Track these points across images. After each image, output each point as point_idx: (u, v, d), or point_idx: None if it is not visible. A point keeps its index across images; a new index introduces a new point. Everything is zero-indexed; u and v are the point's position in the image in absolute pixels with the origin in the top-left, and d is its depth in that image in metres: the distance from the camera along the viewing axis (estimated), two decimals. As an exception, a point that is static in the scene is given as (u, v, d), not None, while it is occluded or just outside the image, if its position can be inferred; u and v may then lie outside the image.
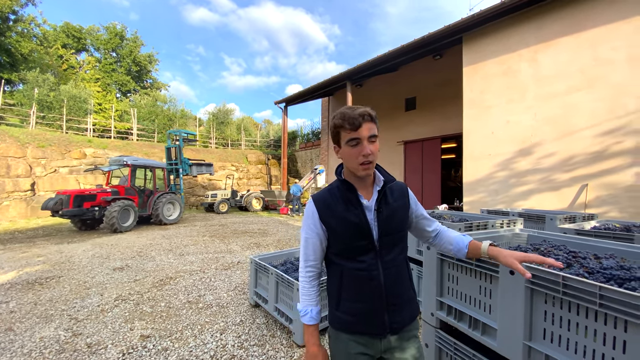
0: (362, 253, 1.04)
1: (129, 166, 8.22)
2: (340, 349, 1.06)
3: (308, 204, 1.11)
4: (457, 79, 8.55)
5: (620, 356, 1.04)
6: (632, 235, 2.13)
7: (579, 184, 5.91)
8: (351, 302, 1.04)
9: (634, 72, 5.20)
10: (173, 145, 10.01)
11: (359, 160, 0.99)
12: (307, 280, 1.12)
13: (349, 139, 0.99)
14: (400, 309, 1.07)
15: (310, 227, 1.08)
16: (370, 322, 1.03)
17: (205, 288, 3.67)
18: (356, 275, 1.04)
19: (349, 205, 1.05)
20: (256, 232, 7.74)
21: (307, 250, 1.10)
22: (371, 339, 1.04)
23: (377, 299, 1.03)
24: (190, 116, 22.66)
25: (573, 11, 5.94)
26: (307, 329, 1.08)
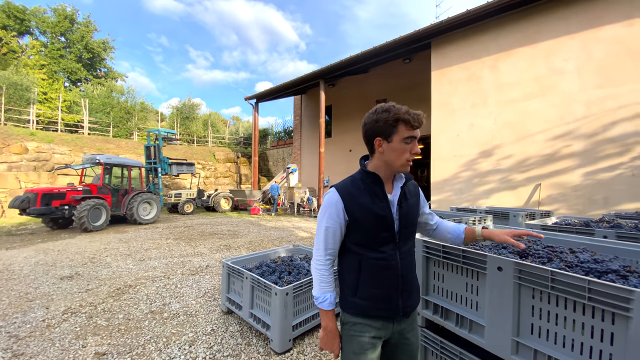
0: (383, 244, 1.09)
1: (101, 165, 7.98)
2: (354, 332, 1.10)
3: (331, 193, 1.12)
4: (425, 82, 8.89)
5: (607, 348, 1.06)
6: (593, 230, 2.29)
7: (533, 183, 6.42)
8: (369, 288, 1.09)
9: (582, 82, 5.76)
10: (152, 144, 9.83)
11: (408, 157, 1.05)
12: (326, 268, 1.13)
13: (408, 136, 1.04)
14: (410, 294, 1.16)
15: (333, 216, 1.09)
16: (387, 307, 1.10)
17: (170, 295, 3.36)
18: (376, 264, 1.09)
19: (375, 197, 1.08)
20: (226, 234, 7.37)
21: (328, 239, 1.11)
22: (386, 322, 1.11)
23: (394, 285, 1.10)
24: (151, 110, 21.15)
25: (529, 24, 6.44)
26: (326, 314, 1.12)
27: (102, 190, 8.00)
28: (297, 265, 2.97)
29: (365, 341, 1.09)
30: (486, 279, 1.42)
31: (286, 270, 2.88)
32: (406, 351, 1.18)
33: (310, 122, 15.58)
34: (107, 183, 8.31)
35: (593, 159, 5.67)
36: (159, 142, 9.94)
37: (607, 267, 1.35)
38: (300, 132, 16.17)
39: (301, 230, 7.89)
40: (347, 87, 13.59)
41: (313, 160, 15.12)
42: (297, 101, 16.42)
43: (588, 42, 5.66)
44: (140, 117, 18.23)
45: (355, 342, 1.10)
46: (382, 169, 1.10)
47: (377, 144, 1.07)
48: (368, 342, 1.09)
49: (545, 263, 1.45)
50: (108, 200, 7.93)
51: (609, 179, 5.47)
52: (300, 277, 2.68)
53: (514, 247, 1.65)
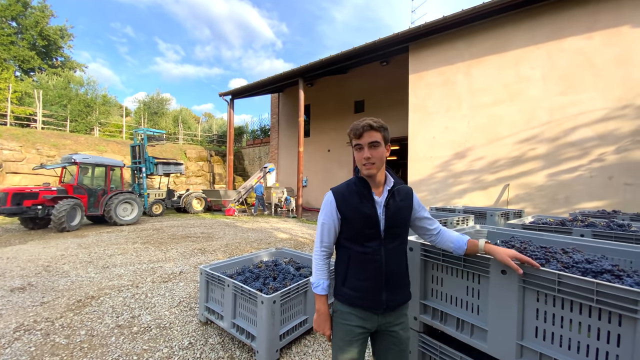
0: (369, 239, 1.22)
1: (76, 164, 7.89)
2: (341, 319, 1.25)
3: (328, 194, 1.30)
4: (402, 85, 9.08)
5: (614, 349, 1.06)
6: (570, 229, 2.40)
7: (502, 184, 6.78)
8: (356, 279, 1.23)
9: (547, 89, 6.16)
10: (138, 143, 9.81)
11: (362, 161, 1.21)
12: (321, 258, 1.30)
13: (355, 145, 1.23)
14: (395, 290, 1.25)
15: (327, 214, 1.27)
16: (370, 298, 1.21)
17: (140, 307, 3.06)
18: (362, 257, 1.22)
19: (363, 199, 1.23)
20: (199, 237, 6.99)
21: (323, 234, 1.29)
22: (370, 314, 1.23)
23: (378, 279, 1.21)
24: (114, 103, 19.66)
25: (499, 33, 6.78)
26: (319, 298, 1.29)
27: (78, 190, 7.89)
28: (282, 269, 2.83)
29: (351, 328, 1.23)
30: (489, 283, 1.39)
31: (271, 275, 2.73)
32: (395, 342, 1.26)
33: (288, 121, 15.35)
34: (83, 183, 8.16)
35: (555, 161, 6.09)
36: (144, 141, 9.81)
37: (602, 267, 1.38)
38: (277, 131, 15.88)
39: (280, 232, 7.70)
40: (326, 87, 13.56)
41: (291, 160, 14.92)
42: (274, 99, 16.10)
43: (553, 52, 6.07)
44: (102, 111, 16.88)
45: (342, 329, 1.24)
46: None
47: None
48: (354, 330, 1.22)
49: (544, 264, 1.46)
50: (84, 200, 7.87)
51: (569, 180, 5.90)
52: (286, 283, 2.54)
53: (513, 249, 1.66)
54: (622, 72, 5.33)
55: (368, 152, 1.18)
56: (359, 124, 1.19)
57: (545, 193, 6.19)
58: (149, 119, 19.01)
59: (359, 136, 1.19)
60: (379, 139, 1.19)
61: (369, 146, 1.18)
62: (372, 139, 1.18)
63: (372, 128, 1.18)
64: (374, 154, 1.18)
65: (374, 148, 1.19)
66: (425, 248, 1.64)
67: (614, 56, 5.41)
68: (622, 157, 5.32)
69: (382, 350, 1.29)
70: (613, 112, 5.42)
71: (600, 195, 5.53)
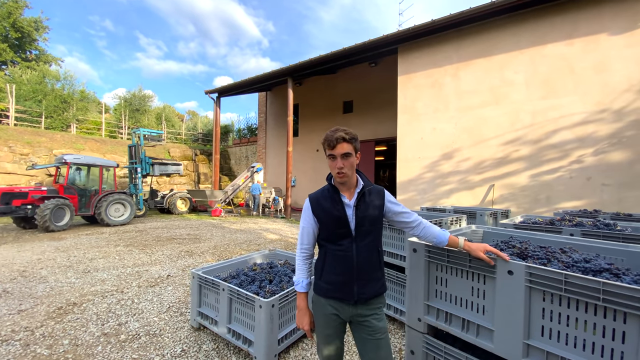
0: (341, 238, 1.35)
1: (67, 164, 7.96)
2: (319, 310, 1.41)
3: (305, 201, 1.44)
4: (389, 87, 9.18)
5: (619, 346, 1.09)
6: (560, 228, 2.48)
7: (488, 184, 6.97)
8: (330, 274, 1.36)
9: (529, 93, 6.39)
10: (135, 143, 9.97)
11: (334, 171, 1.33)
12: (301, 259, 1.44)
13: (328, 155, 1.33)
14: (366, 283, 1.35)
15: (306, 218, 1.42)
16: (343, 290, 1.34)
17: (126, 313, 2.92)
18: (336, 254, 1.35)
19: (334, 202, 1.36)
20: (186, 238, 6.79)
21: (303, 236, 1.44)
22: (343, 305, 1.35)
23: (349, 273, 1.33)
24: (93, 100, 18.81)
25: (486, 38, 6.98)
26: (299, 295, 1.43)
27: (69, 190, 7.94)
28: (278, 272, 2.77)
29: (328, 316, 1.37)
30: (495, 283, 1.41)
31: (266, 278, 2.67)
32: (369, 332, 1.35)
33: (276, 120, 15.19)
34: (74, 183, 8.19)
35: (538, 162, 6.33)
36: (141, 141, 9.96)
37: (600, 266, 1.41)
38: (265, 130, 15.69)
39: (270, 233, 7.60)
40: (315, 86, 13.52)
41: (279, 159, 14.77)
42: (261, 98, 15.90)
43: (535, 58, 6.31)
44: (80, 107, 16.11)
45: (321, 318, 1.40)
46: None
47: None
48: (330, 317, 1.37)
49: (546, 264, 1.49)
50: (74, 200, 7.90)
51: (550, 181, 6.15)
52: (283, 286, 2.49)
53: (512, 249, 1.69)
54: (600, 78, 5.61)
55: (340, 162, 1.29)
56: (332, 136, 1.29)
57: (528, 193, 6.42)
58: (130, 116, 18.31)
59: (332, 147, 1.29)
60: (350, 150, 1.29)
61: (342, 157, 1.29)
62: (344, 151, 1.29)
63: (344, 140, 1.29)
64: (345, 164, 1.29)
65: (345, 158, 1.29)
66: (429, 249, 1.64)
67: (592, 62, 5.68)
68: (600, 159, 5.59)
69: (360, 340, 1.39)
70: (591, 115, 5.70)
71: (579, 196, 5.80)
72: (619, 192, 5.39)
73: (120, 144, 14.90)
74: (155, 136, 11.28)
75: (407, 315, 1.77)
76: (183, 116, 28.56)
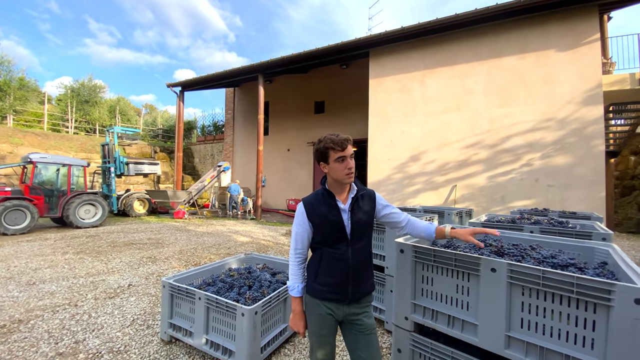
0: (338, 242, 1.38)
1: (32, 163, 7.58)
2: (313, 310, 1.41)
3: (299, 205, 1.44)
4: (361, 89, 9.39)
5: (590, 334, 1.21)
6: (521, 226, 2.71)
7: (450, 184, 7.45)
8: (326, 276, 1.38)
9: (487, 101, 6.95)
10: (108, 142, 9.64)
11: (345, 171, 1.34)
12: (296, 264, 1.44)
13: (338, 157, 1.34)
14: (360, 283, 1.42)
15: (300, 223, 1.41)
16: (338, 292, 1.37)
17: (84, 329, 2.61)
18: (332, 257, 1.38)
19: (330, 207, 1.39)
20: (146, 243, 6.29)
21: (297, 241, 1.43)
22: (337, 305, 1.39)
23: (345, 275, 1.37)
24: (33, 88, 16.63)
25: (449, 48, 7.44)
26: (295, 300, 1.44)
27: (34, 191, 7.54)
28: (258, 277, 2.67)
29: (322, 315, 1.39)
30: (479, 280, 1.48)
31: (245, 284, 2.56)
32: (361, 329, 1.41)
33: (244, 118, 14.73)
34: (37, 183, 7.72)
35: (494, 165, 6.90)
36: (115, 140, 9.59)
37: (566, 261, 1.57)
38: (232, 127, 15.14)
39: (240, 235, 7.34)
40: (286, 85, 13.36)
41: (248, 158, 14.35)
42: (229, 94, 15.31)
43: (492, 69, 6.87)
44: (19, 96, 14.15)
45: (314, 318, 1.41)
46: (334, 184, 1.41)
47: (322, 167, 1.40)
48: (324, 317, 1.39)
49: (521, 261, 1.61)
50: (40, 201, 7.52)
51: (504, 182, 6.74)
52: (264, 291, 2.40)
53: (489, 248, 1.81)
54: (547, 89, 6.28)
55: (351, 162, 1.34)
56: (339, 138, 1.34)
57: (486, 193, 6.98)
58: (78, 108, 16.53)
59: (343, 149, 1.33)
60: (353, 151, 1.39)
61: (350, 157, 1.35)
62: (352, 151, 1.37)
63: (350, 142, 1.37)
64: (353, 165, 1.36)
65: (352, 159, 1.37)
66: (416, 250, 1.69)
67: (541, 75, 6.35)
68: (546, 162, 6.26)
69: (352, 338, 1.43)
70: (539, 123, 6.36)
71: (528, 195, 6.43)
72: (562, 192, 6.09)
73: (66, 138, 13.38)
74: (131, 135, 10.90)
75: (394, 314, 1.80)
76: (140, 110, 26.49)
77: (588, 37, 5.98)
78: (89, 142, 14.59)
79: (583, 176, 5.95)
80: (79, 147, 13.90)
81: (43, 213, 7.58)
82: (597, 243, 1.90)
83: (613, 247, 1.74)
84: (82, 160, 8.79)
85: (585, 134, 5.97)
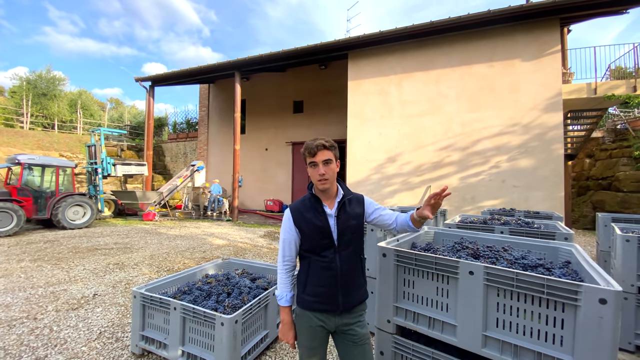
0: (324, 249, 1.34)
1: (20, 164, 7.50)
2: (303, 322, 1.37)
3: (285, 212, 1.42)
4: (339, 90, 9.45)
5: (559, 331, 1.29)
6: (493, 227, 2.86)
7: (425, 185, 7.71)
8: (315, 286, 1.35)
9: (459, 106, 7.27)
10: (94, 143, 9.59)
11: (317, 177, 1.33)
12: (284, 272, 1.41)
13: (309, 162, 1.35)
14: (351, 292, 1.37)
15: (287, 230, 1.39)
16: (329, 302, 1.33)
17: (45, 345, 2.39)
18: (320, 266, 1.34)
19: (316, 212, 1.36)
20: (113, 248, 5.90)
21: (284, 249, 1.40)
22: (328, 315, 1.35)
23: (334, 284, 1.33)
24: (-21, 79, 15.01)
25: (424, 53, 7.70)
26: (284, 309, 1.40)
27: (23, 192, 7.45)
28: (237, 283, 2.59)
29: (312, 328, 1.35)
30: (458, 283, 1.54)
31: (224, 291, 2.47)
32: (354, 340, 1.38)
33: (220, 115, 14.29)
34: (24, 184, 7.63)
35: (465, 167, 7.24)
36: (101, 141, 9.50)
37: (535, 262, 1.67)
38: (207, 125, 14.63)
39: (215, 238, 7.10)
40: (263, 83, 13.13)
41: (223, 157, 13.94)
42: (203, 90, 14.77)
43: (464, 75, 7.20)
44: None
45: (305, 330, 1.37)
46: (317, 189, 1.39)
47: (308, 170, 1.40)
48: (315, 329, 1.35)
49: (495, 262, 1.70)
50: (29, 203, 7.45)
51: (475, 183, 7.10)
52: (244, 298, 2.33)
53: (466, 250, 1.88)
54: (513, 96, 6.69)
55: (322, 169, 1.31)
56: (312, 144, 1.32)
57: (458, 193, 7.31)
58: (34, 102, 15.16)
59: (313, 155, 1.32)
60: (331, 157, 1.33)
61: (323, 163, 1.32)
62: (326, 157, 1.32)
63: (325, 147, 1.33)
64: (327, 171, 1.32)
65: (327, 165, 1.32)
66: (398, 254, 1.72)
67: (508, 83, 6.75)
68: (512, 164, 6.68)
69: (345, 348, 1.40)
70: (506, 128, 6.76)
71: (496, 195, 6.82)
72: (526, 192, 6.52)
73: (20, 134, 12.24)
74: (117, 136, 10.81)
75: (376, 318, 1.82)
76: (104, 104, 24.86)
77: (550, 48, 6.45)
78: (46, 139, 13.45)
79: (545, 178, 6.42)
80: (35, 144, 12.77)
81: (32, 215, 7.49)
82: (561, 243, 2.04)
83: (575, 247, 1.87)
84: (70, 162, 8.78)
85: (546, 139, 6.44)
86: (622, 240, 2.46)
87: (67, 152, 13.40)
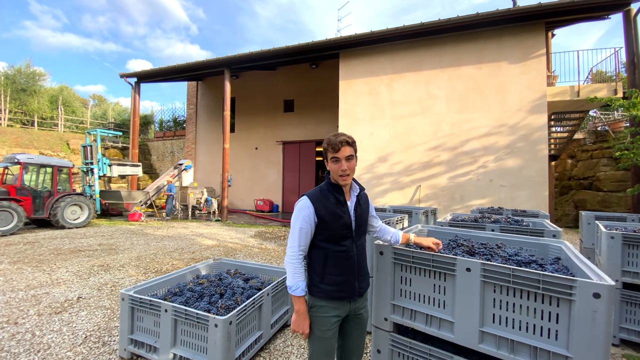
0: (344, 239, 1.41)
1: (20, 164, 7.56)
2: (321, 313, 1.40)
3: (303, 200, 1.41)
4: (330, 90, 9.46)
5: (554, 326, 1.31)
6: (484, 225, 2.91)
7: (415, 185, 7.81)
8: (334, 275, 1.40)
9: (448, 107, 7.39)
10: (89, 144, 9.65)
11: (338, 173, 1.37)
12: (299, 262, 1.40)
13: (332, 158, 1.37)
14: (364, 278, 1.50)
15: (305, 219, 1.37)
16: (347, 289, 1.41)
17: (27, 350, 2.27)
18: (339, 255, 1.40)
19: (338, 203, 1.41)
20: (97, 250, 5.70)
21: (301, 238, 1.39)
22: (344, 302, 1.43)
23: (352, 272, 1.42)
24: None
25: (415, 54, 7.79)
26: (298, 299, 1.38)
27: (22, 192, 7.51)
28: (229, 284, 2.54)
29: (327, 319, 1.39)
30: (455, 280, 1.55)
31: (217, 292, 2.42)
32: (358, 322, 1.52)
33: (208, 114, 14.04)
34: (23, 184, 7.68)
35: (454, 166, 7.37)
36: (97, 142, 9.59)
37: (528, 259, 1.71)
38: (195, 123, 14.35)
39: (204, 238, 6.97)
40: (253, 81, 12.98)
41: (211, 157, 13.71)
42: (191, 88, 14.48)
43: (453, 77, 7.33)
44: None
45: (320, 321, 1.40)
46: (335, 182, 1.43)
47: (326, 164, 1.44)
48: (330, 320, 1.40)
49: (490, 259, 1.72)
50: (28, 202, 7.51)
51: (463, 182, 7.24)
52: (237, 299, 2.29)
53: (462, 248, 1.90)
54: (500, 98, 6.86)
55: (345, 164, 1.35)
56: (336, 140, 1.35)
57: (447, 192, 7.43)
58: (13, 97, 14.49)
59: (337, 150, 1.35)
60: (352, 153, 1.38)
61: (346, 159, 1.36)
62: (348, 153, 1.36)
63: (348, 144, 1.36)
64: (349, 166, 1.36)
65: (349, 161, 1.37)
66: (395, 252, 1.72)
67: (495, 85, 6.91)
68: (499, 164, 6.84)
69: (348, 329, 1.51)
70: (493, 129, 6.92)
71: (484, 194, 6.98)
72: (512, 191, 6.70)
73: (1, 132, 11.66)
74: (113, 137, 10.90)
75: (373, 316, 1.81)
76: (86, 101, 24.04)
77: (536, 51, 6.65)
78: (25, 136, 12.88)
79: (530, 177, 6.61)
80: (14, 141, 12.22)
81: (30, 214, 7.52)
82: (551, 240, 2.09)
83: (565, 244, 1.92)
84: (68, 162, 8.83)
85: (531, 139, 6.63)
86: (607, 237, 2.55)
87: (48, 150, 12.88)
